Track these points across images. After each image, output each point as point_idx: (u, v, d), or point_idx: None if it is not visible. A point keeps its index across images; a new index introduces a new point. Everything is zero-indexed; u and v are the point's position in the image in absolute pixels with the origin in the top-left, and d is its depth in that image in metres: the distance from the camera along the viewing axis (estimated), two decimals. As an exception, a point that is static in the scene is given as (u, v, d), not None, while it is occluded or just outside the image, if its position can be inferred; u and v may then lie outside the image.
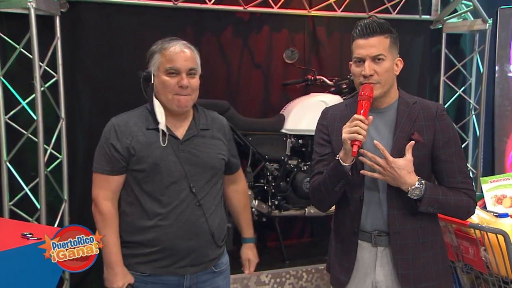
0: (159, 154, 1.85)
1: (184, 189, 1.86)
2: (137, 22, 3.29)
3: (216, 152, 1.94)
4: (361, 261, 1.82)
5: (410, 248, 1.76)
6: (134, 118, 1.91)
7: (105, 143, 1.89)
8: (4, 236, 1.69)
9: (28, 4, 2.79)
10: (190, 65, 1.86)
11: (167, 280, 1.88)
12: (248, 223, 2.19)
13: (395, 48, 1.79)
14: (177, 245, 1.85)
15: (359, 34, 1.74)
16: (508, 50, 3.84)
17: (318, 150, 1.89)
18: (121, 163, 1.87)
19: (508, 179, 2.50)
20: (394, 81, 1.80)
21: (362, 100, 1.69)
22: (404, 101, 1.81)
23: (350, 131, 1.63)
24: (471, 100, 4.12)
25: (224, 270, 2.02)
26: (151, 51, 1.91)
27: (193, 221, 1.86)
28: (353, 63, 1.78)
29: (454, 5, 3.88)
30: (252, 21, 3.60)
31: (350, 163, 1.69)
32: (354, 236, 1.82)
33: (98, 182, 1.91)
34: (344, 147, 1.68)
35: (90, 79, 3.22)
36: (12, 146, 2.99)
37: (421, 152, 1.75)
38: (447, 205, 1.74)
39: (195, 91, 1.89)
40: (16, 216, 2.99)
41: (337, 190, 1.76)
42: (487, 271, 2.12)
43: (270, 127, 3.33)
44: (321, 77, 3.46)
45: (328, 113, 1.92)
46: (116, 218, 1.92)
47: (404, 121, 1.77)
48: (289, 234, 3.79)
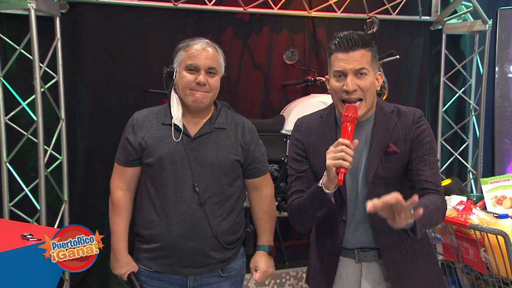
0: (167, 150, 1.86)
1: (188, 187, 1.86)
2: (137, 23, 3.30)
3: (228, 152, 1.91)
4: (346, 278, 1.74)
5: (399, 261, 1.71)
6: (153, 113, 1.95)
7: (123, 135, 1.96)
8: (4, 237, 1.69)
9: (28, 5, 2.80)
10: (210, 63, 1.88)
11: (171, 279, 1.89)
12: (264, 231, 2.05)
13: (375, 62, 1.69)
14: (178, 244, 1.85)
15: (339, 47, 1.63)
16: (508, 50, 3.84)
17: (295, 166, 1.78)
18: (133, 156, 1.92)
19: (508, 180, 2.50)
20: (375, 97, 1.71)
21: (347, 121, 1.58)
22: (382, 110, 1.73)
23: (335, 157, 1.52)
24: (471, 101, 4.12)
25: (233, 276, 1.97)
26: (177, 48, 1.94)
27: (194, 222, 1.85)
28: (333, 78, 1.67)
29: (454, 6, 3.88)
30: (252, 22, 3.60)
31: (333, 189, 1.59)
32: (334, 257, 1.74)
33: (115, 172, 1.99)
34: (327, 174, 1.56)
35: (90, 80, 3.22)
36: (12, 147, 2.99)
37: (398, 163, 1.69)
38: (431, 216, 1.60)
39: (213, 89, 1.90)
40: (16, 217, 2.99)
41: (318, 215, 1.66)
42: (487, 272, 2.11)
43: (270, 128, 3.33)
44: (321, 78, 3.46)
45: (302, 125, 1.81)
46: (127, 208, 1.96)
47: (381, 132, 1.69)
48: (289, 235, 3.79)
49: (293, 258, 3.36)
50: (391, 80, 3.47)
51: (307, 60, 3.73)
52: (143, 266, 1.92)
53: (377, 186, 1.68)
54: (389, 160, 1.68)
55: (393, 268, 1.71)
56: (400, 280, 1.71)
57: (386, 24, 3.67)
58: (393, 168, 1.68)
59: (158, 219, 1.87)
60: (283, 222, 3.63)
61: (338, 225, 1.71)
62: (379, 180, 1.68)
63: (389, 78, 3.38)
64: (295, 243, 3.79)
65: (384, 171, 1.68)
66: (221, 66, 1.94)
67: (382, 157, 1.68)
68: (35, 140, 2.94)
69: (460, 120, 4.17)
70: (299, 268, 3.20)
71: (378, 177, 1.68)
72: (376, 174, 1.68)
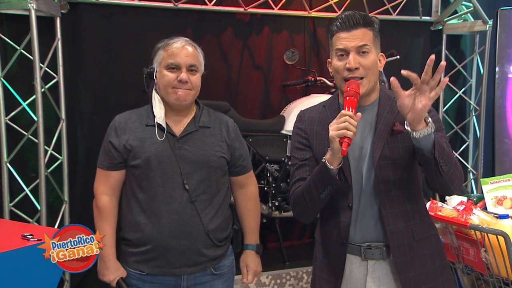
0: (154, 150, 1.86)
1: (177, 186, 1.86)
2: (138, 23, 3.30)
3: (214, 150, 1.92)
4: (350, 276, 1.71)
5: (407, 248, 1.67)
6: (136, 115, 1.95)
7: (105, 139, 1.94)
8: (4, 237, 1.69)
9: (29, 5, 2.80)
10: (191, 61, 1.88)
11: (164, 280, 1.88)
12: (250, 230, 2.09)
13: (378, 42, 1.68)
14: (169, 244, 1.85)
15: (341, 27, 1.63)
16: (508, 51, 3.84)
17: (298, 155, 1.76)
18: (117, 159, 1.90)
19: (508, 180, 2.49)
20: (377, 77, 1.70)
21: (349, 96, 1.57)
22: (386, 94, 1.72)
23: (339, 128, 1.51)
24: (471, 101, 4.12)
25: (225, 273, 1.98)
26: (156, 48, 1.94)
27: (186, 220, 1.85)
28: (335, 57, 1.66)
29: (454, 6, 3.88)
30: (253, 22, 3.61)
31: (338, 165, 1.57)
32: (341, 247, 1.70)
33: (99, 177, 1.97)
34: (331, 147, 1.54)
35: (91, 80, 3.23)
36: (12, 147, 2.99)
37: (404, 143, 1.65)
38: (450, 159, 1.55)
39: (195, 87, 1.90)
40: (16, 217, 2.99)
41: (322, 197, 1.63)
42: (487, 272, 2.11)
43: (270, 128, 3.33)
44: (322, 78, 3.46)
45: (304, 116, 1.80)
46: (112, 213, 1.95)
47: (386, 114, 1.68)
48: (289, 235, 3.79)
49: (293, 258, 3.36)
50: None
51: (307, 60, 3.73)
52: (134, 269, 1.90)
53: (383, 169, 1.65)
54: (395, 140, 1.66)
55: (400, 253, 1.66)
56: (406, 267, 1.66)
57: (387, 24, 3.67)
58: (400, 148, 1.65)
59: (148, 221, 1.86)
60: (284, 223, 3.63)
61: (344, 212, 1.68)
62: (386, 162, 1.65)
63: (389, 78, 3.37)
64: (295, 243, 3.80)
65: (390, 151, 1.66)
66: (201, 64, 1.94)
67: (388, 138, 1.66)
68: (36, 140, 2.94)
69: (460, 120, 4.17)
70: (299, 268, 3.21)
71: (384, 158, 1.65)
72: (383, 155, 1.65)
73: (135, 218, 1.88)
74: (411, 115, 1.49)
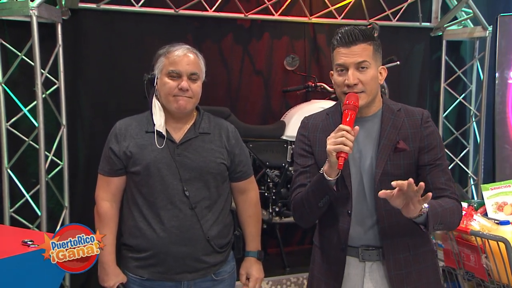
0: (153, 157, 1.86)
1: (177, 192, 1.86)
2: (138, 29, 3.31)
3: (214, 156, 1.92)
4: (348, 277, 1.73)
5: (402, 262, 1.69)
6: (136, 121, 1.95)
7: (106, 145, 1.94)
8: (4, 243, 1.69)
9: (30, 11, 2.81)
10: (192, 69, 1.88)
11: (165, 286, 1.88)
12: (251, 236, 2.07)
13: (378, 56, 1.71)
14: (170, 250, 1.85)
15: (341, 42, 1.66)
16: (508, 57, 3.85)
17: (300, 161, 1.79)
18: (118, 166, 1.90)
19: (509, 186, 2.49)
20: (378, 90, 1.73)
21: (348, 109, 1.60)
22: (389, 108, 1.74)
23: (336, 142, 1.55)
24: (471, 107, 4.13)
25: (226, 279, 1.98)
26: (157, 55, 1.94)
27: (186, 226, 1.85)
28: (335, 72, 1.70)
29: (454, 13, 3.90)
30: (253, 28, 3.62)
31: (335, 177, 1.60)
32: (341, 252, 1.72)
33: (100, 183, 1.97)
34: (328, 160, 1.58)
35: (92, 86, 3.23)
36: (13, 153, 2.99)
37: (406, 161, 1.69)
38: (445, 214, 1.63)
39: (196, 95, 1.90)
40: (16, 223, 2.99)
41: (320, 206, 1.66)
42: (488, 279, 2.11)
43: (270, 134, 3.33)
44: (322, 84, 3.47)
45: (308, 122, 1.83)
46: (113, 219, 1.95)
47: (389, 129, 1.70)
48: (289, 241, 3.78)
49: (294, 264, 3.36)
50: (391, 86, 3.47)
51: (308, 66, 3.74)
52: (134, 274, 1.90)
53: (384, 184, 1.65)
54: (398, 157, 1.69)
55: (395, 267, 1.69)
56: (401, 280, 1.69)
57: (387, 30, 3.68)
58: (402, 165, 1.68)
59: (148, 227, 1.86)
60: (284, 228, 3.63)
61: (344, 219, 1.71)
62: (387, 177, 1.66)
63: (389, 84, 3.39)
64: (295, 249, 3.79)
65: (392, 167, 1.69)
66: (202, 71, 1.94)
67: (391, 154, 1.69)
68: (36, 146, 2.94)
69: (460, 126, 4.17)
70: (299, 274, 3.20)
71: (386, 174, 1.67)
72: (385, 171, 1.68)
73: (136, 224, 1.89)
74: (405, 213, 1.54)
